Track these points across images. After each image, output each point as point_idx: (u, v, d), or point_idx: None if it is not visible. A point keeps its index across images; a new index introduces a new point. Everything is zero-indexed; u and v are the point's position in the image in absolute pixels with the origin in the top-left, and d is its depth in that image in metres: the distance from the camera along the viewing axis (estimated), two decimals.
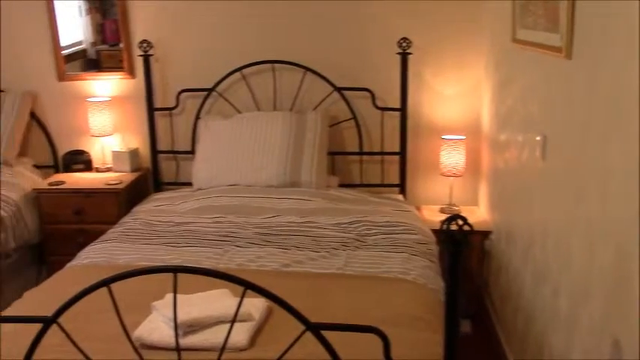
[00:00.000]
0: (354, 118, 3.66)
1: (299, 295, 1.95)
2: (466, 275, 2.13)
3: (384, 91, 3.65)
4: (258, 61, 3.64)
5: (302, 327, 1.47)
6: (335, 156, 3.69)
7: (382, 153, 3.71)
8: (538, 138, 2.38)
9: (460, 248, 1.48)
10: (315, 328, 1.44)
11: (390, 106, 3.64)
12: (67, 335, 1.55)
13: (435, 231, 3.08)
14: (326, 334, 1.47)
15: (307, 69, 3.62)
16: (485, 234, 3.39)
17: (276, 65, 3.65)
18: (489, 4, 3.44)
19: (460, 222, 1.45)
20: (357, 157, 3.75)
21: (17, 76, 3.88)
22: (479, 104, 3.64)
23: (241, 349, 1.80)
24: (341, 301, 2.18)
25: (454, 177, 3.56)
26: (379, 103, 3.63)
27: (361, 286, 2.33)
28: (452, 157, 3.53)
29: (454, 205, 3.62)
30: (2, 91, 3.86)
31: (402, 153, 3.65)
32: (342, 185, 3.63)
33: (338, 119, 3.69)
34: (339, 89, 3.63)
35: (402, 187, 3.68)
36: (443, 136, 3.59)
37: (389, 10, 3.57)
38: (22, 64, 3.87)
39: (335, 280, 2.38)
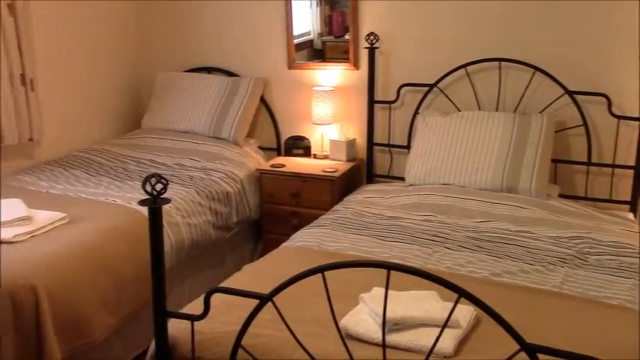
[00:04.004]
0: (585, 124, 3.37)
1: (509, 308, 1.84)
2: None
3: (622, 98, 3.30)
4: (484, 58, 3.50)
5: (513, 343, 1.38)
6: (558, 164, 3.43)
7: (614, 165, 3.37)
8: None
9: None
10: (532, 350, 1.33)
11: (627, 114, 3.29)
12: (280, 314, 1.61)
13: None
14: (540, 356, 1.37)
15: (537, 69, 3.40)
16: None
17: (503, 63, 3.48)
18: None
19: None
20: (583, 168, 3.44)
21: (253, 63, 4.18)
22: None
23: (446, 356, 1.74)
24: (556, 323, 2.01)
25: None
26: (615, 111, 3.30)
27: (580, 309, 2.12)
28: None
29: None
30: (238, 76, 4.19)
31: (638, 167, 3.28)
32: (563, 196, 3.36)
33: (566, 125, 3.42)
34: (570, 93, 3.36)
35: (633, 204, 3.31)
36: None
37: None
38: (258, 52, 4.16)
39: (550, 298, 2.20)
